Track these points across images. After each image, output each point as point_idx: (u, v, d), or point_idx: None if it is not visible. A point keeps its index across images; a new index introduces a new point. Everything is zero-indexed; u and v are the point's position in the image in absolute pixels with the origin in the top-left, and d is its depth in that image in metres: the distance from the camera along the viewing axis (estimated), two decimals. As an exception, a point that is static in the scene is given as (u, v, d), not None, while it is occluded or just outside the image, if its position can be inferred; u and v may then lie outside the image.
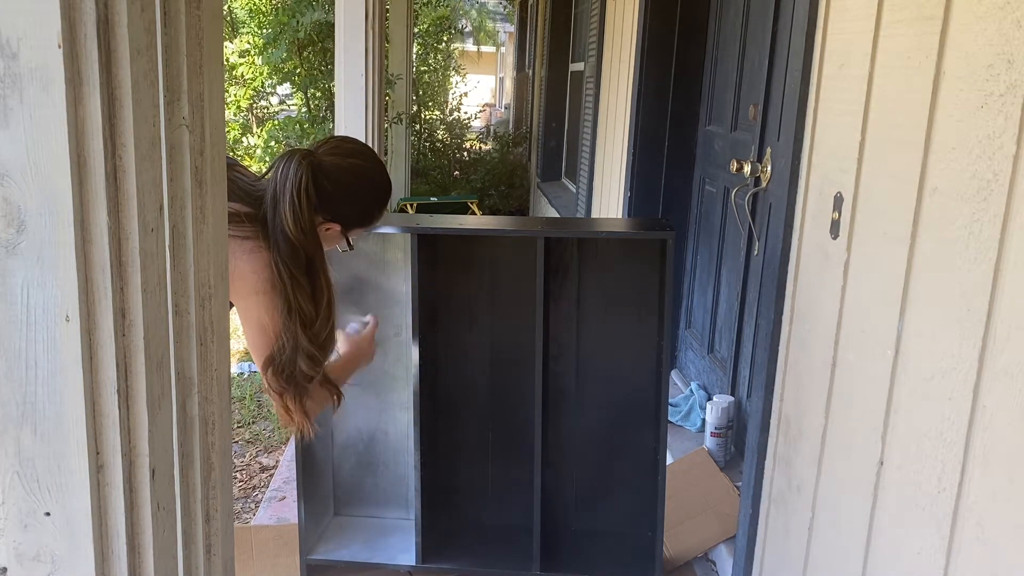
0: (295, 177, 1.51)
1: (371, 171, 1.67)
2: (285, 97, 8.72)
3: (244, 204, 1.54)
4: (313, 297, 1.54)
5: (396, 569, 2.36)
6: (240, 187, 1.57)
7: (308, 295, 1.53)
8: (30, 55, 0.66)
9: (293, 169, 1.52)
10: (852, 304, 1.53)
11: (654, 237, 2.21)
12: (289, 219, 1.50)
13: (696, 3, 3.42)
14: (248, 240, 1.52)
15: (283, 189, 1.51)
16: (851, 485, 1.50)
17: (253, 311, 1.53)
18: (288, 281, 1.50)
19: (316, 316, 1.54)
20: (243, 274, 1.51)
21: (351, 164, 1.62)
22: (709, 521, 2.48)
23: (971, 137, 1.16)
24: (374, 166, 1.68)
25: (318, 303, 1.55)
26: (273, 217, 1.52)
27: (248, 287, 1.51)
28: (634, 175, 3.59)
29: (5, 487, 0.75)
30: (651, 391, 2.34)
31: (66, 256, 0.70)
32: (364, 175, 1.65)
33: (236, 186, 1.56)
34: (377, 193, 1.68)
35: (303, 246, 1.52)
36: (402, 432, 2.48)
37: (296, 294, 1.51)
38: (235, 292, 1.51)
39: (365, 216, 1.68)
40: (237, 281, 1.50)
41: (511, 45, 15.02)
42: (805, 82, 1.74)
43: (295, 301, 1.51)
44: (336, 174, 1.58)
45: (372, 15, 4.02)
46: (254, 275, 1.50)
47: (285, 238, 1.51)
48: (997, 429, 1.09)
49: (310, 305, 1.53)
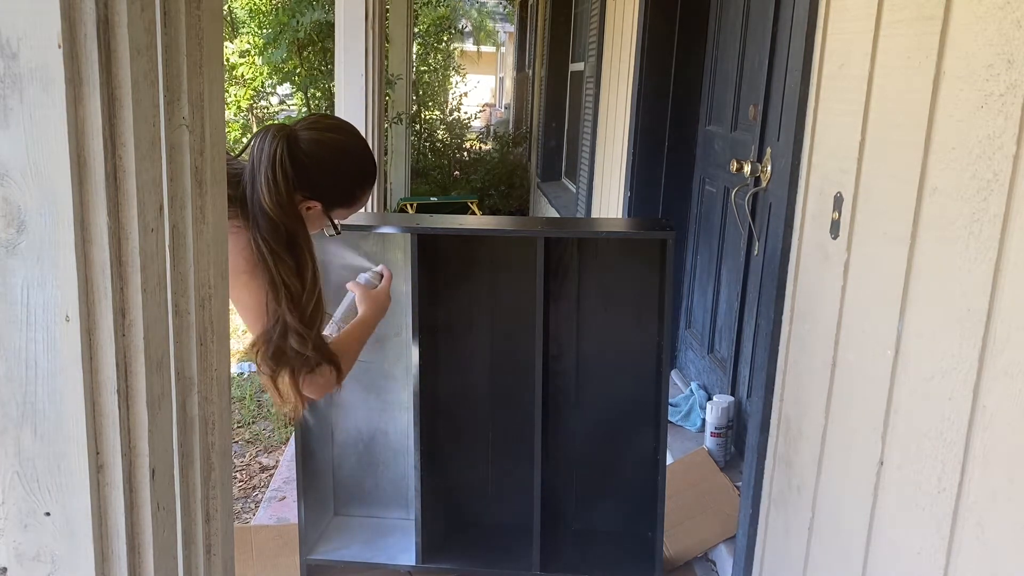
0: (270, 150, 1.47)
1: (350, 146, 1.61)
2: (285, 97, 8.72)
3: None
4: (298, 271, 1.50)
5: (396, 569, 2.36)
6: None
7: (292, 270, 1.49)
8: (30, 55, 0.66)
9: (268, 142, 1.48)
10: (852, 304, 1.53)
11: (654, 237, 2.21)
12: (266, 193, 1.46)
13: (696, 3, 3.42)
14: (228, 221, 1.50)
15: (259, 164, 1.47)
16: (851, 485, 1.50)
17: (237, 292, 1.49)
18: (270, 257, 1.46)
19: (303, 290, 1.50)
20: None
21: (329, 138, 1.57)
22: (709, 521, 2.48)
23: (971, 137, 1.16)
24: (354, 142, 1.63)
25: (303, 277, 1.51)
26: (252, 194, 1.48)
27: (234, 267, 1.45)
28: (634, 175, 3.59)
29: (5, 487, 0.75)
30: (651, 391, 2.34)
31: (66, 256, 0.70)
32: (342, 149, 1.59)
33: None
34: (358, 169, 1.62)
35: (282, 221, 1.48)
36: (402, 432, 2.48)
37: (279, 270, 1.47)
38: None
39: (346, 194, 1.61)
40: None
41: (511, 45, 15.02)
42: (805, 82, 1.74)
43: (279, 277, 1.47)
44: (312, 147, 1.53)
45: (372, 15, 4.02)
46: (234, 256, 1.44)
47: (263, 213, 1.47)
48: (997, 429, 1.09)
49: (295, 280, 1.49)
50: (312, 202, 1.56)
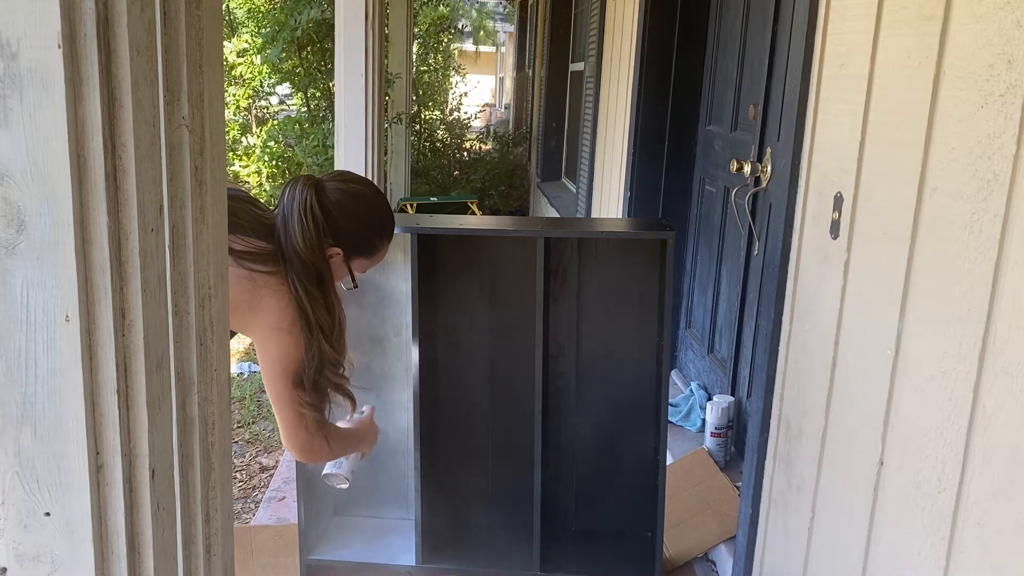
0: (300, 197, 1.62)
1: (372, 198, 1.76)
2: (285, 97, 8.72)
3: (263, 237, 1.63)
4: (327, 309, 1.63)
5: (396, 569, 2.36)
6: (259, 220, 1.66)
7: (323, 306, 1.63)
8: (30, 55, 0.66)
9: (299, 191, 1.63)
10: (852, 304, 1.53)
11: (654, 237, 2.21)
12: (299, 236, 1.60)
13: (696, 3, 3.42)
14: (272, 276, 1.60)
15: (291, 210, 1.62)
16: (851, 485, 1.50)
17: (274, 346, 1.60)
18: (305, 296, 1.59)
19: (333, 326, 1.64)
20: (269, 308, 1.58)
21: (354, 188, 1.72)
22: (709, 521, 2.49)
23: (971, 137, 1.16)
24: (376, 195, 1.78)
25: (332, 315, 1.64)
26: (284, 239, 1.62)
27: (272, 321, 1.59)
28: (634, 175, 3.59)
29: (5, 487, 0.75)
30: (651, 391, 2.34)
31: (66, 256, 0.69)
32: (365, 199, 1.73)
33: (256, 221, 1.65)
34: (378, 220, 1.75)
35: (313, 262, 1.61)
36: (402, 432, 2.48)
37: (313, 308, 1.61)
38: (258, 325, 1.59)
39: (367, 244, 1.73)
40: (263, 314, 1.58)
41: (511, 45, 15.02)
42: (805, 82, 1.74)
43: (314, 315, 1.60)
44: (338, 196, 1.67)
45: (372, 14, 4.02)
46: (280, 311, 1.59)
47: (296, 255, 1.60)
48: (997, 429, 1.09)
49: (327, 316, 1.63)
50: (335, 249, 1.67)
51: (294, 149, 7.04)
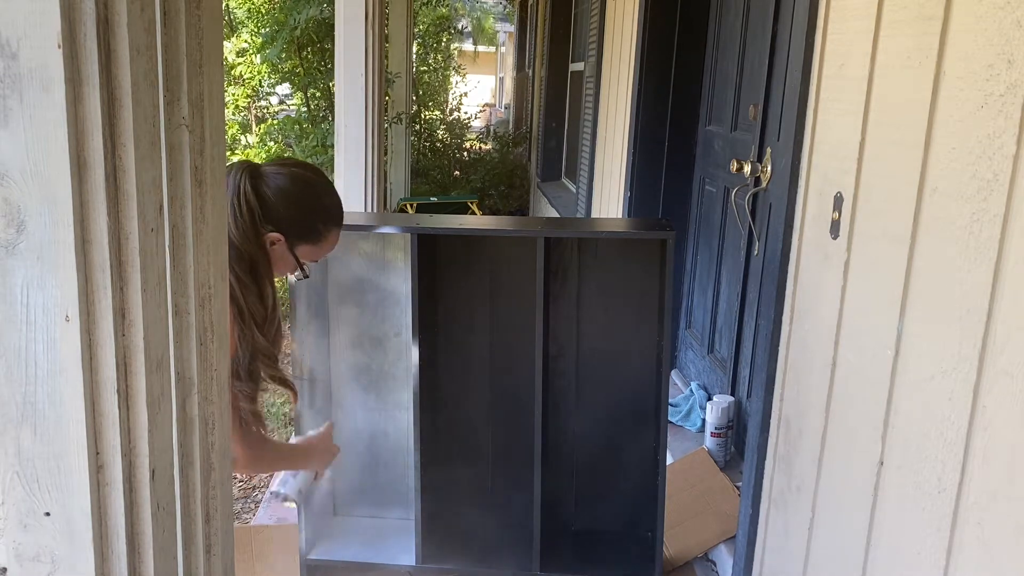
0: (234, 183, 1.57)
1: (313, 181, 1.68)
2: (285, 97, 8.72)
3: None
4: (260, 298, 1.60)
5: (396, 569, 2.36)
6: None
7: (256, 295, 1.59)
8: (30, 55, 0.66)
9: (232, 176, 1.58)
10: (852, 304, 1.53)
11: (654, 237, 2.21)
12: (231, 223, 1.55)
13: (696, 3, 3.42)
14: None
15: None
16: (851, 485, 1.50)
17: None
18: (236, 285, 1.55)
19: (266, 315, 1.61)
20: None
21: (293, 172, 1.65)
22: (709, 521, 2.48)
23: (971, 137, 1.16)
24: (318, 178, 1.70)
25: (265, 304, 1.61)
26: None
27: None
28: (634, 175, 3.59)
29: (5, 487, 0.75)
30: (651, 391, 2.34)
31: (66, 256, 0.69)
32: (304, 182, 1.66)
33: None
34: (320, 203, 1.67)
35: (246, 249, 1.57)
36: (402, 432, 2.48)
37: (246, 297, 1.57)
38: None
39: (309, 229, 1.66)
40: None
41: (511, 45, 15.01)
42: (805, 82, 1.74)
43: (245, 303, 1.56)
44: (275, 180, 1.62)
45: (372, 14, 4.02)
46: None
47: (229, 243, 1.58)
48: (997, 429, 1.09)
49: (259, 306, 1.59)
50: (275, 235, 1.61)
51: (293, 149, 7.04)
